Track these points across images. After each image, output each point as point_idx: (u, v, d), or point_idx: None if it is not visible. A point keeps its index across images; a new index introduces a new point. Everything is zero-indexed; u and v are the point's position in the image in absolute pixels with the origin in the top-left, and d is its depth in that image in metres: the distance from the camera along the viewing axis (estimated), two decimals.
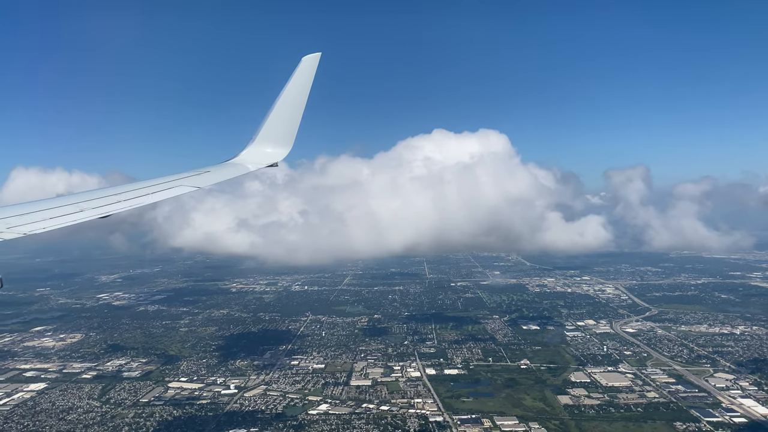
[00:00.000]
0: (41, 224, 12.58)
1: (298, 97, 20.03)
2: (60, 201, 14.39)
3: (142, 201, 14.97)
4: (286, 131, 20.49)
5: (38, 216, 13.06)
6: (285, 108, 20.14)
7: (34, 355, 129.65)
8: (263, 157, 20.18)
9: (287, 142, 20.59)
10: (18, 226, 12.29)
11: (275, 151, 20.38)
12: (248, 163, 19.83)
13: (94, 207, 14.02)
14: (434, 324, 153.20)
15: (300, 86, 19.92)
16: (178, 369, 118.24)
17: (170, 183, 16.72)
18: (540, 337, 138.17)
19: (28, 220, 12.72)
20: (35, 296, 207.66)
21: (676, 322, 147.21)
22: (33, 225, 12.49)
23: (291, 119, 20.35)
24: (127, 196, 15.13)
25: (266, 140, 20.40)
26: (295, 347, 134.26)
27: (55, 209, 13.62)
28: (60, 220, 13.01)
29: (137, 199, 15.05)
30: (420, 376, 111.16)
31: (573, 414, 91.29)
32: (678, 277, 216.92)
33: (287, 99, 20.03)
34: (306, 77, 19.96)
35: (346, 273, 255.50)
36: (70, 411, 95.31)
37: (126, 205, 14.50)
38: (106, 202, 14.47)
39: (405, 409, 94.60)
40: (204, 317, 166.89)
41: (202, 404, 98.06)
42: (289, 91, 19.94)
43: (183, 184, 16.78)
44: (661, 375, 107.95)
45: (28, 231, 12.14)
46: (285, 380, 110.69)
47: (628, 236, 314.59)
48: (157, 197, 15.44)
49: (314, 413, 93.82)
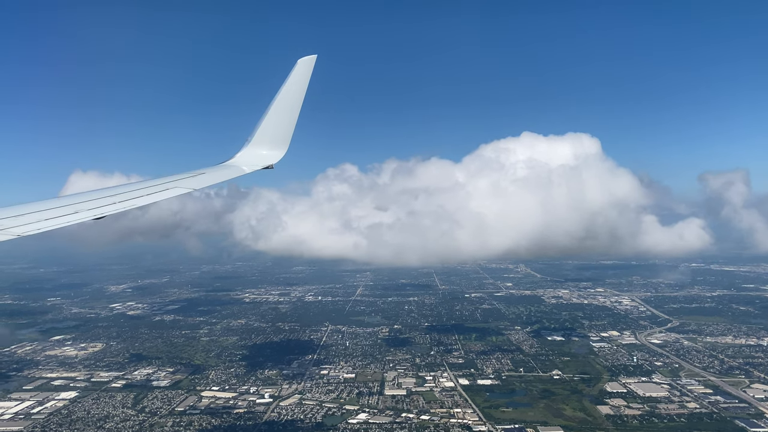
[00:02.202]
0: (36, 225, 12.35)
1: (294, 99, 20.07)
2: (55, 202, 14.21)
3: (136, 202, 14.86)
4: (282, 133, 20.46)
5: (33, 217, 12.83)
6: (281, 110, 20.19)
7: (58, 364, 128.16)
8: (259, 159, 20.12)
9: (283, 145, 20.56)
10: (12, 228, 12.01)
11: (271, 153, 20.33)
12: (244, 164, 19.75)
13: (89, 208, 13.83)
14: (457, 335, 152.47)
15: (296, 88, 19.98)
16: (207, 378, 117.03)
17: (165, 184, 16.60)
18: (566, 347, 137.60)
19: (22, 222, 12.47)
20: (47, 305, 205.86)
21: (700, 334, 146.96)
22: (27, 226, 12.23)
23: (287, 121, 20.37)
24: (122, 198, 14.98)
25: (262, 142, 20.38)
26: (321, 357, 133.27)
27: (49, 210, 13.44)
28: (54, 221, 12.81)
29: (132, 200, 14.94)
30: (454, 386, 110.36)
31: (617, 424, 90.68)
32: (691, 290, 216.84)
33: (283, 101, 20.07)
34: (302, 79, 20.00)
35: (358, 284, 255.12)
36: (106, 419, 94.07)
37: (120, 207, 14.35)
38: (101, 203, 14.32)
39: (446, 418, 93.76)
40: (223, 327, 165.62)
41: (240, 413, 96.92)
42: (285, 93, 19.98)
43: (178, 185, 16.67)
44: (697, 386, 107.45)
45: (22, 232, 11.88)
46: (318, 389, 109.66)
47: (731, 239, 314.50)
48: (151, 198, 15.33)
49: (354, 422, 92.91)
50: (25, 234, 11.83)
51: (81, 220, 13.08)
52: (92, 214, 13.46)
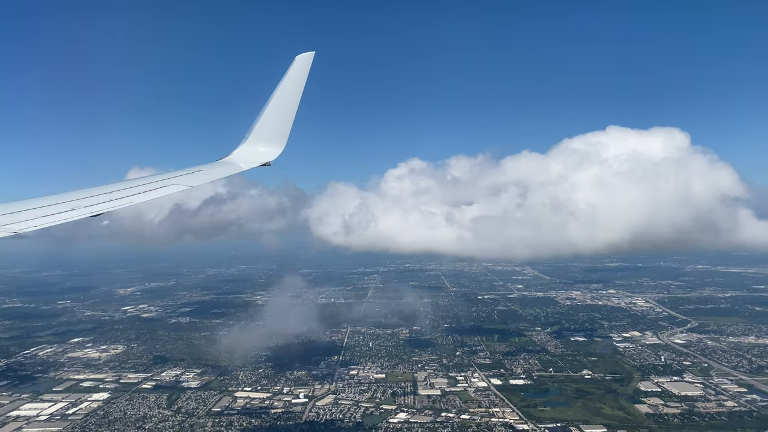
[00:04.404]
0: (33, 222, 12.24)
1: (292, 96, 19.92)
2: (52, 199, 14.10)
3: (133, 200, 14.79)
4: (280, 130, 20.31)
5: (30, 214, 12.70)
6: (278, 107, 20.04)
7: (83, 366, 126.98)
8: (256, 156, 19.94)
9: (280, 141, 20.41)
10: (8, 225, 11.88)
11: (268, 150, 20.17)
12: (241, 161, 19.61)
13: (86, 206, 13.74)
14: (479, 336, 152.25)
15: (293, 85, 19.82)
16: (237, 379, 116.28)
17: (162, 182, 16.49)
18: (590, 348, 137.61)
19: (19, 219, 12.35)
20: (58, 308, 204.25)
21: (722, 334, 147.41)
22: (24, 223, 12.11)
23: (284, 118, 20.21)
24: (119, 195, 14.88)
25: (259, 139, 20.21)
26: (347, 358, 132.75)
27: (46, 207, 13.34)
28: (52, 218, 12.68)
29: (129, 198, 14.87)
30: (487, 387, 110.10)
31: (658, 422, 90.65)
32: (703, 291, 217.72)
33: (280, 98, 19.93)
34: (299, 76, 19.86)
35: (367, 286, 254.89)
36: (144, 420, 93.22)
37: (118, 204, 14.28)
38: (98, 201, 14.23)
39: (486, 418, 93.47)
40: (241, 329, 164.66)
41: (277, 413, 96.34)
42: (282, 90, 19.84)
43: (175, 182, 16.55)
44: (730, 384, 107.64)
45: (19, 229, 11.75)
46: (351, 390, 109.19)
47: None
48: (149, 196, 15.25)
49: (395, 421, 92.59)
50: (22, 231, 11.68)
51: (78, 217, 12.98)
52: (89, 211, 13.38)
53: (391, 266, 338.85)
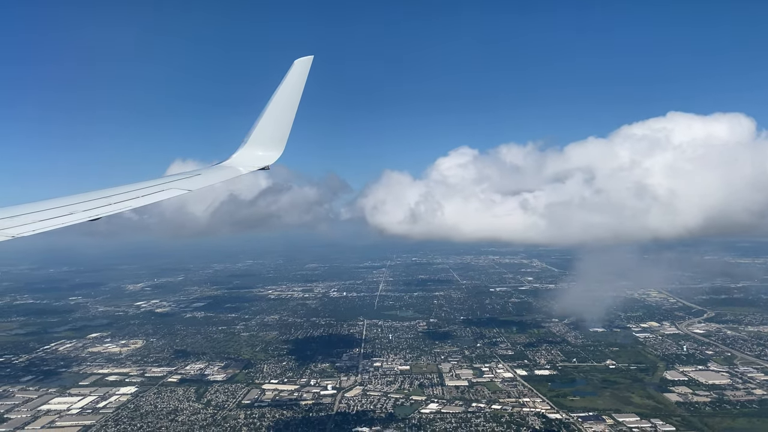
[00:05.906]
0: (31, 227, 12.28)
1: (290, 100, 19.94)
2: (50, 203, 14.17)
3: (132, 204, 14.86)
4: (278, 134, 20.31)
5: (28, 218, 12.76)
6: (277, 111, 20.06)
7: (105, 360, 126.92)
8: (255, 160, 19.96)
9: (279, 145, 20.41)
10: (7, 229, 11.96)
11: (267, 154, 20.19)
12: (240, 165, 19.62)
13: (85, 210, 13.80)
14: (497, 328, 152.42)
15: (292, 89, 19.85)
16: (262, 372, 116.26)
17: (161, 185, 16.55)
18: (610, 338, 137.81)
19: (18, 223, 12.42)
20: (71, 305, 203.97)
21: (740, 323, 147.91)
22: (22, 227, 12.17)
23: (283, 122, 20.23)
24: (118, 199, 14.94)
25: (258, 143, 20.24)
26: (368, 350, 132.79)
27: (45, 211, 13.42)
28: (50, 222, 12.76)
29: (127, 201, 14.93)
30: (513, 377, 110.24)
31: (690, 411, 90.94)
32: (714, 281, 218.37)
33: (279, 102, 19.94)
34: (298, 80, 19.90)
35: (377, 280, 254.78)
36: (176, 413, 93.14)
37: (116, 208, 14.32)
38: (96, 204, 14.29)
39: (517, 408, 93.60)
40: (258, 323, 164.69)
41: (308, 405, 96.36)
42: (281, 94, 19.86)
43: (174, 186, 16.61)
44: (756, 373, 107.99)
45: (18, 233, 11.82)
46: (377, 381, 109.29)
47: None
48: (147, 200, 15.29)
49: (427, 412, 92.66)
50: (21, 235, 11.71)
51: (76, 221, 13.02)
52: (87, 215, 13.43)
53: (398, 260, 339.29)
